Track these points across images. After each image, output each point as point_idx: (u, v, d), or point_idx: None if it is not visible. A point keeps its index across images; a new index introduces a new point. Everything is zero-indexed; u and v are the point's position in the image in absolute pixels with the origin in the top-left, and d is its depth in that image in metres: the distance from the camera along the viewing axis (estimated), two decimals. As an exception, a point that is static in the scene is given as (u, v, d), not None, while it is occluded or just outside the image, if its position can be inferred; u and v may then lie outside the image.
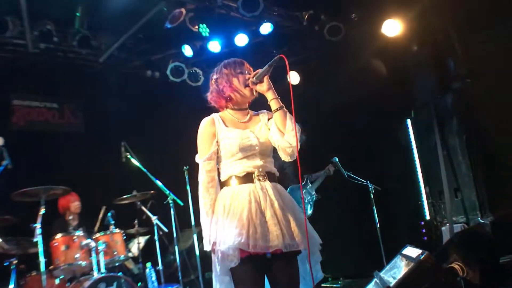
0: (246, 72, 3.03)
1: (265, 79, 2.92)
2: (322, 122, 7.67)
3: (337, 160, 6.27)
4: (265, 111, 3.14)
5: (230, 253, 2.68)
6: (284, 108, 2.94)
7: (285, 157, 2.95)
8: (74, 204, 6.46)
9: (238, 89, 3.01)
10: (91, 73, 7.81)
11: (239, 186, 2.87)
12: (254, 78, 2.94)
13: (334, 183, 6.48)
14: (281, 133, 2.91)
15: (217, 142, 2.96)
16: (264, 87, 2.93)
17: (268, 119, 3.06)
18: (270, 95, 2.94)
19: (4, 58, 7.03)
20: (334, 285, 7.45)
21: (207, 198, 2.90)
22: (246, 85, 2.99)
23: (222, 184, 2.97)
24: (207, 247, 2.86)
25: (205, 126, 2.99)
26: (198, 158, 2.99)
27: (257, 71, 2.96)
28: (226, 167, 2.95)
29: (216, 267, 2.79)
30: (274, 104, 2.94)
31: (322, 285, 7.07)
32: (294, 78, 7.95)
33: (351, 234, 7.63)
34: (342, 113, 7.64)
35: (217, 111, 3.13)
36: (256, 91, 3.01)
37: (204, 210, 2.90)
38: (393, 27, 6.95)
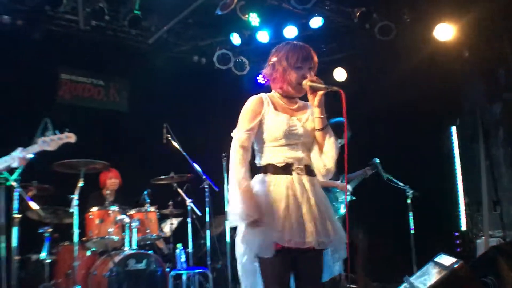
0: (307, 68, 2.88)
1: (319, 94, 2.81)
2: (364, 122, 7.58)
3: (378, 161, 6.19)
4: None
5: (265, 244, 2.66)
6: (328, 128, 2.89)
7: (317, 175, 2.90)
8: (113, 180, 6.58)
9: (291, 84, 2.89)
10: (138, 53, 7.91)
11: (277, 177, 2.80)
12: (309, 85, 2.81)
13: (371, 185, 6.40)
14: (319, 152, 2.89)
15: (260, 122, 2.86)
16: (316, 102, 2.82)
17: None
18: (317, 112, 2.85)
19: (55, 32, 7.17)
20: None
21: (241, 170, 2.74)
22: (299, 84, 2.87)
23: (258, 170, 2.89)
24: (235, 222, 2.72)
25: (252, 103, 2.90)
26: (235, 131, 2.88)
27: (315, 78, 2.82)
28: (265, 152, 2.87)
29: (244, 256, 2.76)
30: (318, 122, 2.86)
31: (348, 285, 7.02)
32: (340, 75, 7.89)
33: (383, 237, 7.54)
34: (386, 114, 7.54)
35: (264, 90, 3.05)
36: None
37: (235, 181, 2.72)
38: (445, 32, 6.79)
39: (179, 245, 6.24)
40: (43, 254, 5.54)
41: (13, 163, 3.66)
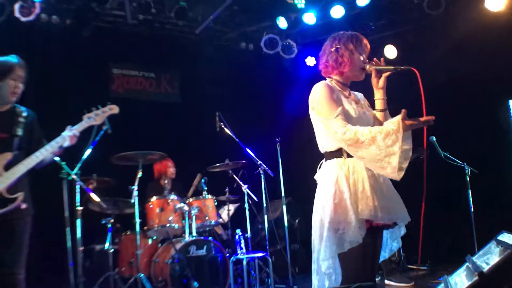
0: (364, 53, 2.96)
1: (384, 76, 2.88)
2: (418, 98, 7.42)
3: (434, 139, 6.07)
4: (361, 94, 3.12)
5: (359, 225, 2.65)
6: (387, 111, 2.96)
7: None
8: (170, 169, 6.71)
9: (355, 68, 2.93)
10: (187, 44, 8.02)
11: (353, 159, 2.79)
12: (375, 68, 2.88)
13: (428, 163, 6.28)
14: None
15: None
16: (381, 84, 2.90)
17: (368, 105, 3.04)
18: (379, 94, 2.95)
19: (104, 28, 7.35)
20: (421, 267, 7.29)
21: (363, 129, 2.66)
22: (362, 68, 2.93)
23: (331, 155, 2.87)
24: (395, 174, 2.61)
25: (328, 87, 2.88)
26: (328, 117, 2.80)
27: (381, 62, 2.88)
28: None
29: (334, 239, 2.69)
30: (379, 104, 2.95)
31: (409, 266, 6.96)
32: (391, 52, 7.74)
33: (442, 216, 7.40)
34: (440, 90, 7.36)
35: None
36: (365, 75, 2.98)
37: (369, 136, 2.63)
38: (497, 1, 6.57)
39: (237, 231, 6.30)
40: (106, 244, 5.72)
41: (65, 142, 3.80)
